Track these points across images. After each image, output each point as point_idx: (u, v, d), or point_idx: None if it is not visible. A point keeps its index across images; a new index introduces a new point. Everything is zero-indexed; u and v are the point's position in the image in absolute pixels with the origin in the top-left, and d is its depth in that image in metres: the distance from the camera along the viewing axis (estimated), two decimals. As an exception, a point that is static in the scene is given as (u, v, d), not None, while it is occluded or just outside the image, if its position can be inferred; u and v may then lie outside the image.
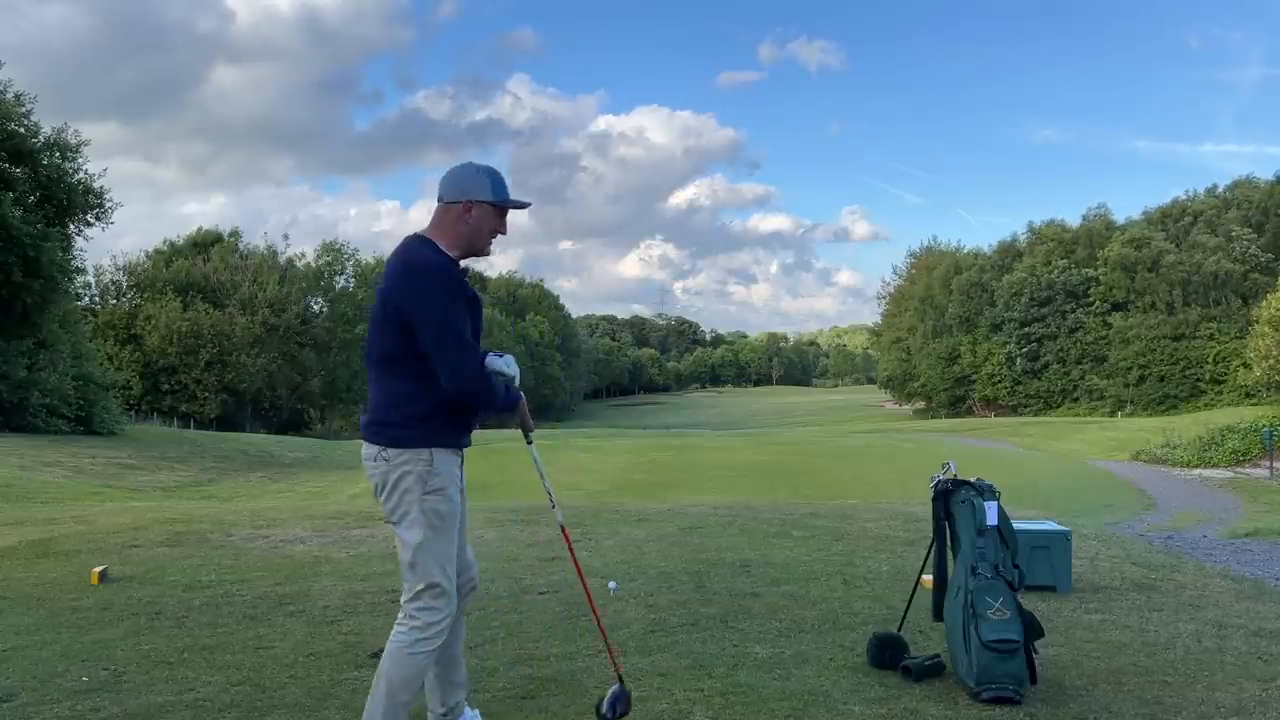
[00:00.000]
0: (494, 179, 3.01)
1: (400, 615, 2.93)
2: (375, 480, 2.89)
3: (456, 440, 2.95)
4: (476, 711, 3.36)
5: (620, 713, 3.22)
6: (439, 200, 3.01)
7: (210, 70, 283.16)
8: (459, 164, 3.07)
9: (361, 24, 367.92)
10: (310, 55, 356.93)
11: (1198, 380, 66.03)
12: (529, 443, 3.21)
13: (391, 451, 2.85)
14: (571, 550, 3.47)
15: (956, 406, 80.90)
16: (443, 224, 2.99)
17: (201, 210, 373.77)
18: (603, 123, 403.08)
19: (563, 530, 3.46)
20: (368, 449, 2.90)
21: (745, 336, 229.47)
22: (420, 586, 2.89)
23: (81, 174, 29.35)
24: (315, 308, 69.04)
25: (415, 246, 2.93)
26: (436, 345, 2.79)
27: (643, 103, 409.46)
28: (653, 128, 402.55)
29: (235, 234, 69.95)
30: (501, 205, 3.02)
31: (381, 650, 4.22)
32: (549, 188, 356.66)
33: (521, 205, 3.10)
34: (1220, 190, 72.15)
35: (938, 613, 4.03)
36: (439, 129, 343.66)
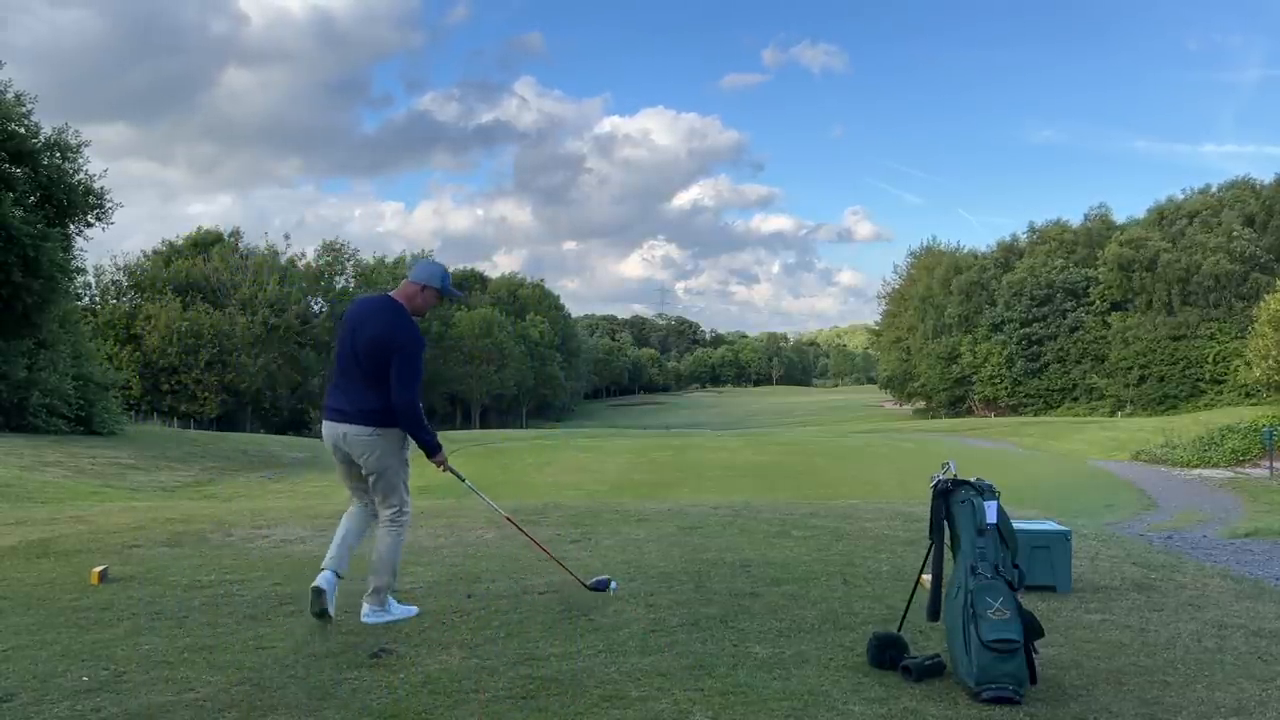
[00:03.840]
0: (445, 275, 4.95)
1: (387, 520, 4.94)
2: (366, 448, 4.79)
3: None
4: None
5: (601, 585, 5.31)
6: (407, 279, 4.94)
7: (222, 73, 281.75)
8: (428, 259, 4.97)
9: (372, 27, 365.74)
10: (321, 58, 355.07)
11: (1198, 380, 66.03)
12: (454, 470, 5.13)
13: (384, 430, 4.75)
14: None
15: (956, 406, 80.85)
16: (406, 294, 4.89)
17: (207, 211, 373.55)
18: (608, 125, 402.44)
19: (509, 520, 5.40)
20: (364, 429, 4.77)
21: (745, 336, 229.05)
22: (399, 503, 4.95)
23: (82, 174, 29.32)
24: (315, 308, 69.11)
25: (396, 306, 4.84)
26: (411, 373, 4.72)
27: (648, 105, 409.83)
28: (657, 130, 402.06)
29: (235, 234, 69.98)
30: (442, 292, 4.94)
31: (382, 650, 4.27)
32: (554, 189, 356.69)
33: (456, 297, 5.17)
34: (1216, 190, 72.12)
35: (932, 614, 4.03)
36: (445, 131, 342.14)
